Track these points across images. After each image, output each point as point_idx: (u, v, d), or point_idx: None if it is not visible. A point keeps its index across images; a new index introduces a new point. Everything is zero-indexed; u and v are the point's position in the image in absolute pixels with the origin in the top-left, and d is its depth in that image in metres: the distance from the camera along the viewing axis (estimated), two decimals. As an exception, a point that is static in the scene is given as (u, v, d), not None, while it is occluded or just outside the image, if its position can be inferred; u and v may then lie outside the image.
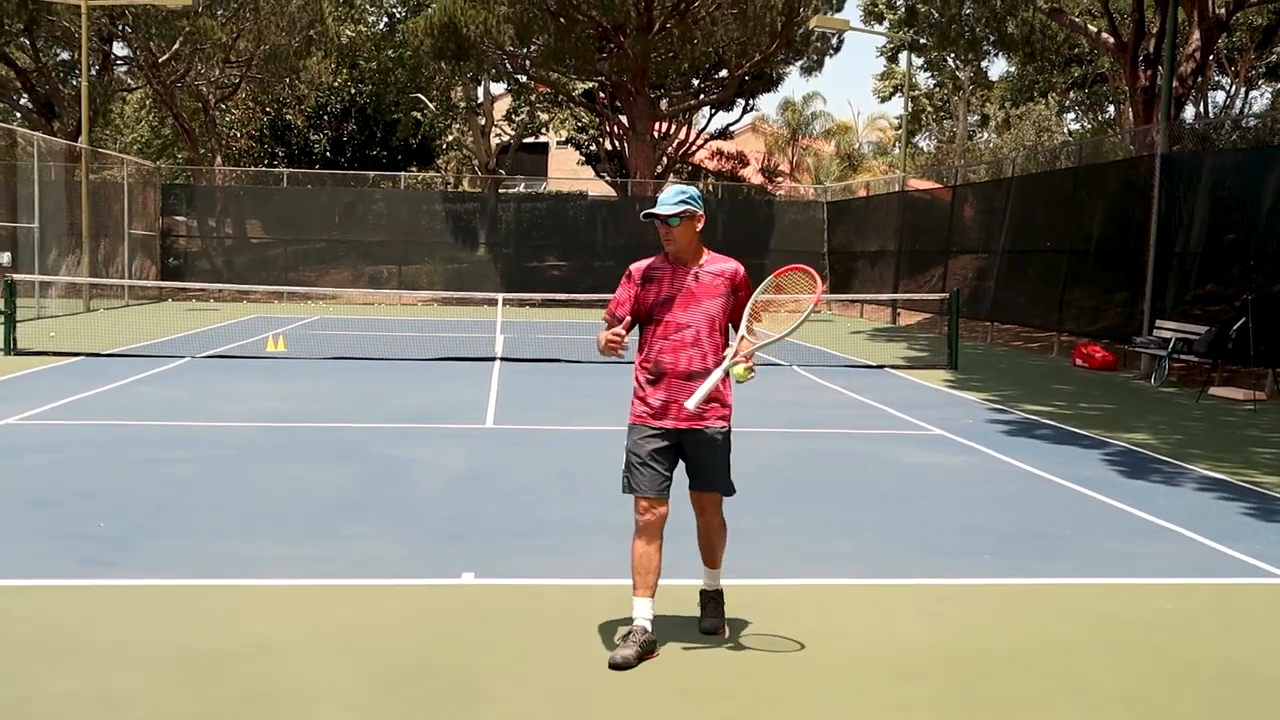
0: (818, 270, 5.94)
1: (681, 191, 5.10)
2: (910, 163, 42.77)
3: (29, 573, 6.04)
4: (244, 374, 15.05)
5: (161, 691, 4.52)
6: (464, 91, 43.14)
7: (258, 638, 5.14)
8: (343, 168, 42.47)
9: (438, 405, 12.58)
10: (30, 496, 7.77)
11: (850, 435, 11.39)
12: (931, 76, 47.06)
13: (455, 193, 42.51)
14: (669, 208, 5.06)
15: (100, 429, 10.57)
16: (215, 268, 36.44)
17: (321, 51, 39.85)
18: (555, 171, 54.67)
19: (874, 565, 6.64)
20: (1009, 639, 5.41)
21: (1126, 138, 26.04)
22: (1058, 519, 7.94)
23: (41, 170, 26.07)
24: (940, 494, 8.70)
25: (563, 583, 6.13)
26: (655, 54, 35.49)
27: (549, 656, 5.02)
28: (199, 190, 38.23)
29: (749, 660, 5.05)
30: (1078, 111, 45.32)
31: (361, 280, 35.81)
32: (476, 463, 9.42)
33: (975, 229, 27.79)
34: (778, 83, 41.91)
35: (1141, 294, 18.55)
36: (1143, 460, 10.35)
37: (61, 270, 28.04)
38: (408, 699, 4.52)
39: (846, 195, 39.77)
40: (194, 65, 38.10)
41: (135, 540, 6.71)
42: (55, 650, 4.95)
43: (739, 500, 8.21)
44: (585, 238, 37.32)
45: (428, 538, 6.97)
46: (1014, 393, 15.25)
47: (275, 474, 8.77)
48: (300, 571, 6.17)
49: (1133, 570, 6.68)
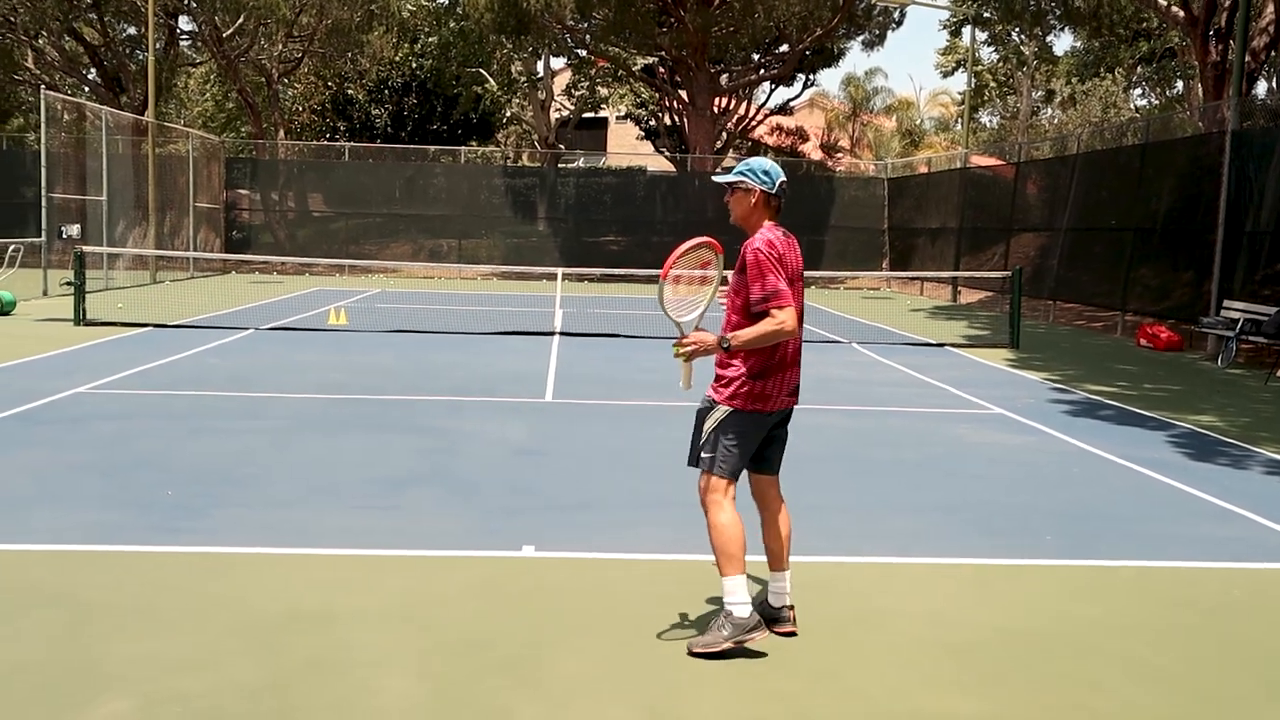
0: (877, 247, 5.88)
1: (745, 163, 4.99)
2: (972, 139, 42.26)
3: (99, 539, 6.16)
4: (306, 346, 15.23)
5: (227, 657, 4.61)
6: (524, 66, 43.20)
7: (320, 606, 5.22)
8: (403, 142, 42.72)
9: (497, 379, 12.65)
10: (100, 464, 7.93)
11: (910, 413, 11.31)
12: (995, 51, 46.39)
13: (515, 167, 42.61)
14: (723, 177, 4.99)
15: (167, 398, 10.75)
16: (278, 241, 36.84)
17: (383, 26, 40.08)
18: (614, 146, 54.66)
19: (933, 544, 6.61)
20: (1069, 620, 5.37)
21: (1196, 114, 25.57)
22: (1120, 501, 7.85)
23: (109, 144, 26.46)
24: (1001, 473, 8.63)
25: (623, 557, 6.16)
26: (716, 28, 35.29)
27: (608, 630, 5.05)
28: (262, 164, 38.63)
29: (808, 636, 5.05)
30: (1145, 87, 44.51)
31: (421, 254, 36.05)
32: (536, 436, 9.48)
33: (1038, 206, 27.42)
34: (839, 57, 41.52)
35: (1209, 273, 18.22)
36: (1209, 443, 10.19)
37: (129, 242, 28.48)
38: (469, 668, 4.57)
39: (907, 171, 39.39)
40: (257, 40, 38.47)
41: (201, 508, 6.82)
42: (124, 614, 5.06)
43: (799, 476, 8.22)
44: (644, 213, 37.26)
45: (487, 510, 7.03)
46: (1076, 372, 15.07)
47: (337, 445, 8.88)
48: (362, 541, 6.25)
49: (1197, 554, 6.59)
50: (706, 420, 4.94)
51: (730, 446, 4.89)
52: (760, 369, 4.86)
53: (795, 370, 5.02)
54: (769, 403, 4.92)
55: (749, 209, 4.95)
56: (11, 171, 37.10)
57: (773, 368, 4.89)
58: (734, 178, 4.96)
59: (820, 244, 37.06)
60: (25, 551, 5.92)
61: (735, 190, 4.98)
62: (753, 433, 4.94)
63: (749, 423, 4.90)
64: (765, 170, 4.94)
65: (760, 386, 4.87)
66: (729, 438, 4.88)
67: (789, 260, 4.88)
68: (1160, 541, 6.83)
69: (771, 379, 4.90)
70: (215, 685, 4.33)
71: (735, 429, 4.88)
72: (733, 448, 4.89)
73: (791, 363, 4.98)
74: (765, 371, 4.87)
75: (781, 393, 4.96)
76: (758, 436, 4.98)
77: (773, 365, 4.89)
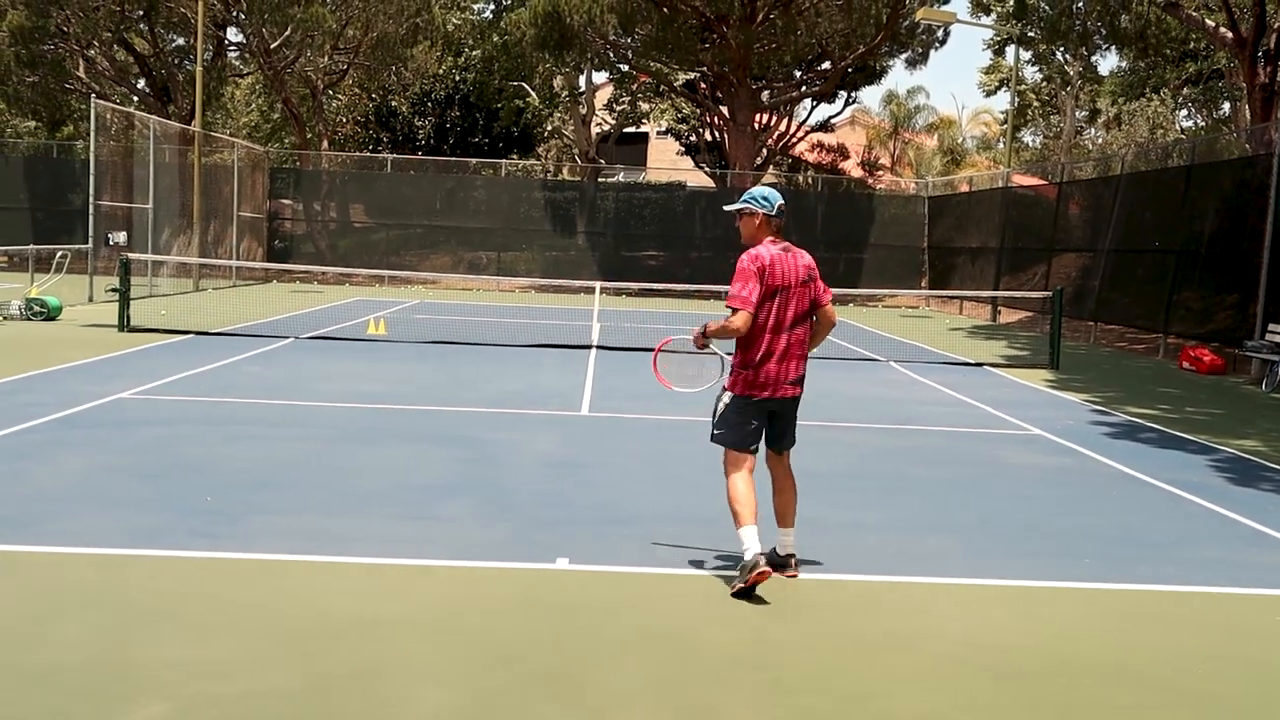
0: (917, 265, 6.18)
1: (749, 192, 6.02)
2: (1015, 158, 42.03)
3: (139, 542, 6.22)
4: (345, 356, 15.33)
5: (263, 664, 4.63)
6: (565, 80, 43.38)
7: (357, 614, 5.24)
8: (445, 154, 42.98)
9: (534, 391, 12.68)
10: (141, 469, 8.01)
11: (947, 433, 11.25)
12: (1039, 71, 46.15)
13: (555, 181, 42.77)
14: (732, 205, 6.13)
15: (207, 405, 10.86)
16: (319, 250, 37.14)
17: (428, 40, 40.39)
18: (654, 161, 54.72)
19: (970, 565, 6.56)
20: (1108, 646, 5.31)
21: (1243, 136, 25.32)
22: (1161, 525, 7.77)
23: (156, 152, 26.78)
24: (1039, 495, 8.56)
25: (658, 571, 6.15)
26: (758, 45, 35.30)
27: (642, 644, 5.05)
28: (305, 174, 38.98)
29: (841, 656, 5.03)
30: (1191, 108, 44.11)
31: (461, 266, 36.23)
32: (572, 449, 9.49)
33: (1080, 227, 27.22)
34: (881, 75, 41.42)
35: (1254, 297, 18.01)
36: (1252, 468, 10.06)
37: (173, 250, 28.79)
38: (504, 680, 4.58)
39: (948, 190, 39.22)
40: (304, 52, 38.84)
41: (240, 514, 6.88)
42: (162, 618, 5.10)
43: (835, 494, 8.19)
44: (683, 228, 37.29)
45: (522, 522, 7.05)
46: (1117, 394, 14.93)
47: (374, 454, 8.93)
48: (398, 551, 6.27)
49: (1240, 580, 6.50)
50: (718, 403, 6.04)
51: (729, 423, 5.95)
52: (751, 361, 5.88)
53: (794, 363, 5.95)
54: (764, 390, 5.89)
55: (754, 230, 6.00)
56: (60, 179, 37.67)
57: (761, 360, 5.86)
58: (741, 205, 6.02)
59: (859, 261, 36.97)
60: (66, 553, 5.99)
61: (742, 215, 6.03)
62: (748, 413, 5.93)
63: (744, 405, 5.92)
64: (765, 196, 5.99)
65: (753, 375, 5.88)
66: (728, 416, 5.97)
67: (779, 270, 5.85)
68: (1201, 567, 6.75)
69: (762, 369, 5.86)
70: (251, 691, 4.36)
71: (733, 409, 5.95)
72: (731, 425, 5.94)
73: (783, 357, 5.90)
74: (756, 363, 5.86)
75: (780, 381, 5.90)
76: (753, 417, 5.94)
77: (761, 358, 5.86)
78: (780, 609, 5.61)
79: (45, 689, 4.31)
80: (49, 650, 4.68)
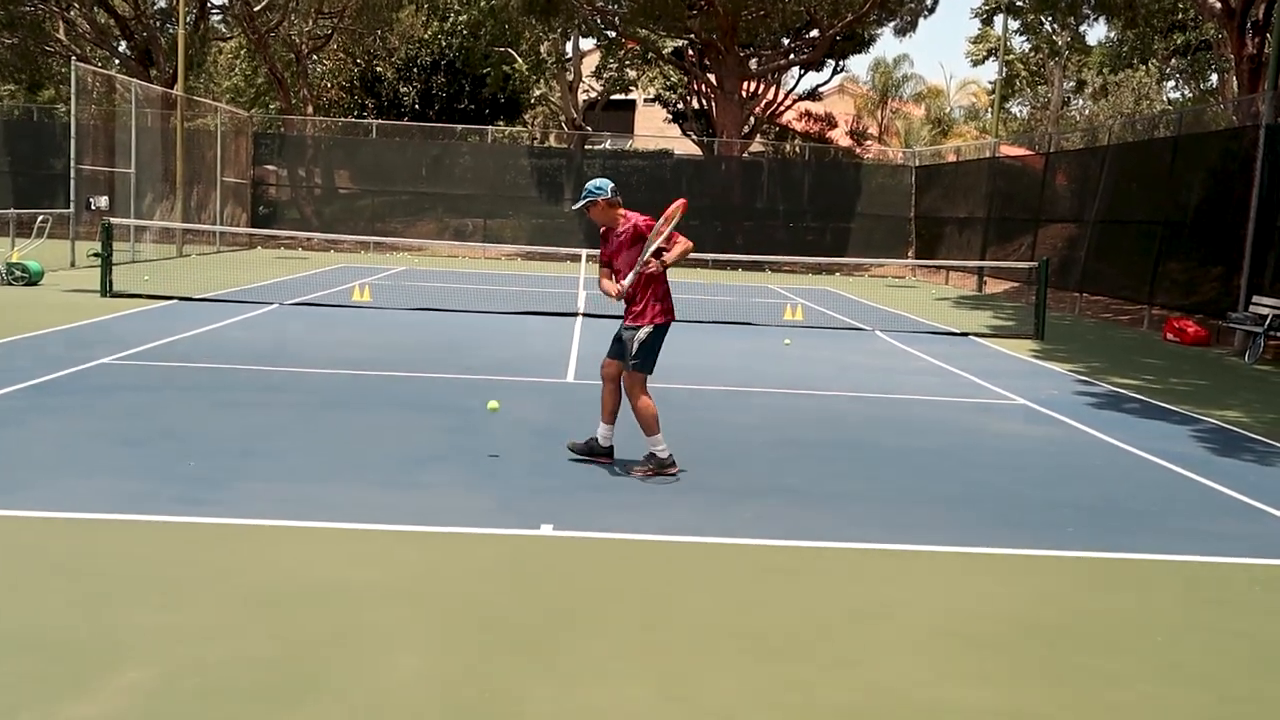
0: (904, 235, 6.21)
1: (586, 188, 7.47)
2: (1002, 128, 41.97)
3: (120, 508, 6.19)
4: (330, 322, 15.27)
5: (243, 629, 4.62)
6: (552, 47, 43.11)
7: (337, 580, 5.23)
8: (431, 120, 42.72)
9: (520, 359, 12.65)
10: (122, 434, 7.96)
11: (933, 402, 11.26)
12: (1027, 40, 46.03)
13: (541, 148, 42.57)
14: (577, 204, 7.66)
15: (191, 371, 10.80)
16: (304, 216, 36.95)
17: (413, 4, 40.06)
18: (641, 129, 54.50)
19: (954, 534, 6.57)
20: (1090, 614, 5.33)
21: (1230, 107, 25.31)
22: (1144, 494, 7.79)
23: (138, 117, 26.56)
24: (1023, 464, 8.57)
25: (641, 538, 6.15)
26: (746, 12, 35.12)
27: (624, 612, 5.04)
28: (290, 140, 38.73)
29: (826, 624, 5.03)
30: (1178, 79, 44.09)
31: (447, 233, 36.08)
32: (557, 416, 9.47)
33: (1067, 198, 27.22)
34: (869, 44, 41.28)
35: (1238, 268, 18.05)
36: (1234, 438, 10.10)
37: (156, 215, 28.59)
38: (483, 646, 4.57)
39: (936, 160, 39.16)
40: (288, 16, 38.50)
41: (223, 481, 6.85)
42: (143, 584, 5.08)
43: (819, 464, 8.20)
44: (671, 196, 36.78)
45: (507, 489, 7.03)
46: (1101, 365, 14.97)
47: (358, 421, 8.90)
48: (380, 517, 6.25)
49: (1221, 549, 6.52)
50: (634, 339, 7.36)
51: (654, 351, 7.46)
52: (666, 294, 7.50)
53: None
54: (670, 314, 7.53)
55: (602, 211, 7.48)
56: (41, 143, 37.33)
57: (666, 292, 7.51)
58: (585, 201, 7.47)
59: (846, 231, 36.93)
60: (47, 519, 5.95)
61: (590, 207, 7.47)
62: (662, 337, 7.50)
63: (663, 331, 7.49)
64: (599, 186, 7.44)
65: (669, 304, 7.52)
66: (653, 345, 7.43)
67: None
68: (1183, 536, 6.77)
69: (669, 299, 7.54)
70: (232, 656, 4.34)
71: (656, 337, 7.45)
72: (654, 351, 7.47)
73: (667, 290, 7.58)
74: (665, 295, 7.50)
75: (671, 309, 7.55)
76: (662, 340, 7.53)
77: (666, 290, 7.51)
78: (763, 576, 5.61)
79: (24, 654, 4.28)
80: (28, 615, 4.66)
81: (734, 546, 6.06)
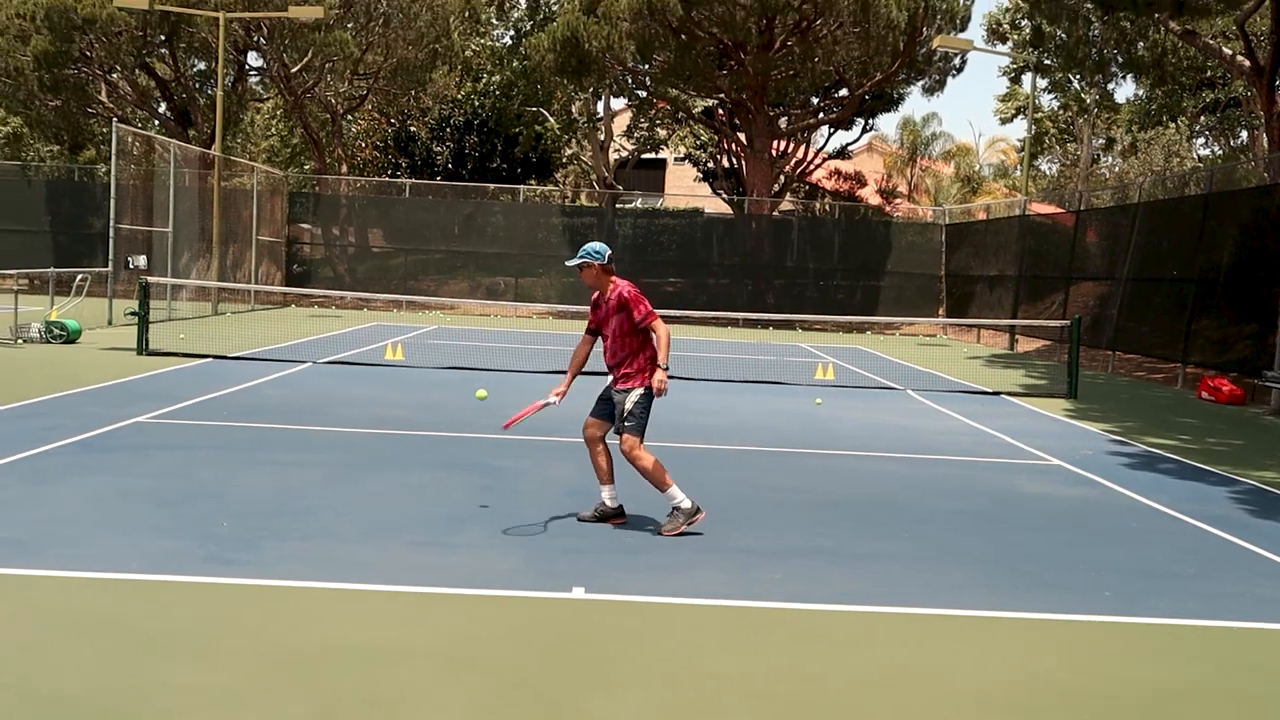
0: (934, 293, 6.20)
1: (583, 249, 7.52)
2: (1032, 186, 41.99)
3: (153, 568, 6.21)
4: (363, 381, 15.36)
5: (275, 690, 4.62)
6: (584, 106, 43.56)
7: (370, 642, 5.23)
8: (463, 179, 43.15)
9: (552, 418, 12.64)
10: (157, 493, 8.01)
11: (964, 462, 11.19)
12: (1055, 98, 46.14)
13: (573, 207, 42.88)
14: (572, 261, 7.64)
15: (225, 430, 10.88)
16: (337, 275, 37.28)
17: (447, 65, 40.61)
18: (672, 187, 54.85)
19: (988, 597, 6.51)
20: (1129, 681, 5.26)
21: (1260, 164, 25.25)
22: (1182, 557, 7.70)
23: (176, 176, 26.97)
24: (1057, 526, 8.50)
25: (673, 601, 6.12)
26: (775, 72, 35.40)
27: (654, 675, 5.02)
28: (324, 199, 39.18)
29: (851, 689, 4.98)
30: (1208, 136, 44.02)
31: (479, 291, 36.31)
32: (589, 476, 9.44)
33: (1098, 255, 27.15)
34: (898, 102, 41.48)
35: (1273, 326, 17.90)
36: (1273, 500, 9.98)
37: (192, 274, 28.96)
38: (514, 709, 4.55)
39: (965, 218, 39.18)
40: (324, 77, 39.11)
41: (256, 540, 6.88)
42: (175, 645, 5.09)
43: (855, 524, 8.15)
44: (701, 254, 37.32)
45: (539, 550, 7.03)
46: (1136, 424, 14.85)
47: (391, 481, 8.93)
48: (413, 578, 6.26)
49: (1263, 614, 6.42)
50: (626, 401, 7.49)
51: (647, 413, 7.56)
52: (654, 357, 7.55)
53: None
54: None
55: (595, 276, 7.57)
56: (81, 202, 37.96)
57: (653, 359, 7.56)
58: (580, 260, 7.52)
59: (876, 289, 36.93)
60: (80, 579, 5.99)
61: (583, 268, 7.53)
62: (651, 401, 7.56)
63: (652, 395, 7.53)
64: (597, 250, 7.52)
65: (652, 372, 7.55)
66: (646, 407, 7.54)
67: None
68: (1222, 600, 6.68)
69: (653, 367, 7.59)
70: (265, 718, 4.34)
71: (647, 401, 7.54)
72: (646, 413, 7.56)
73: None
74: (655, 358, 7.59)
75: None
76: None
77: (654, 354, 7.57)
78: (796, 639, 5.58)
79: (55, 715, 4.30)
80: (59, 676, 4.67)
81: (766, 610, 6.03)
